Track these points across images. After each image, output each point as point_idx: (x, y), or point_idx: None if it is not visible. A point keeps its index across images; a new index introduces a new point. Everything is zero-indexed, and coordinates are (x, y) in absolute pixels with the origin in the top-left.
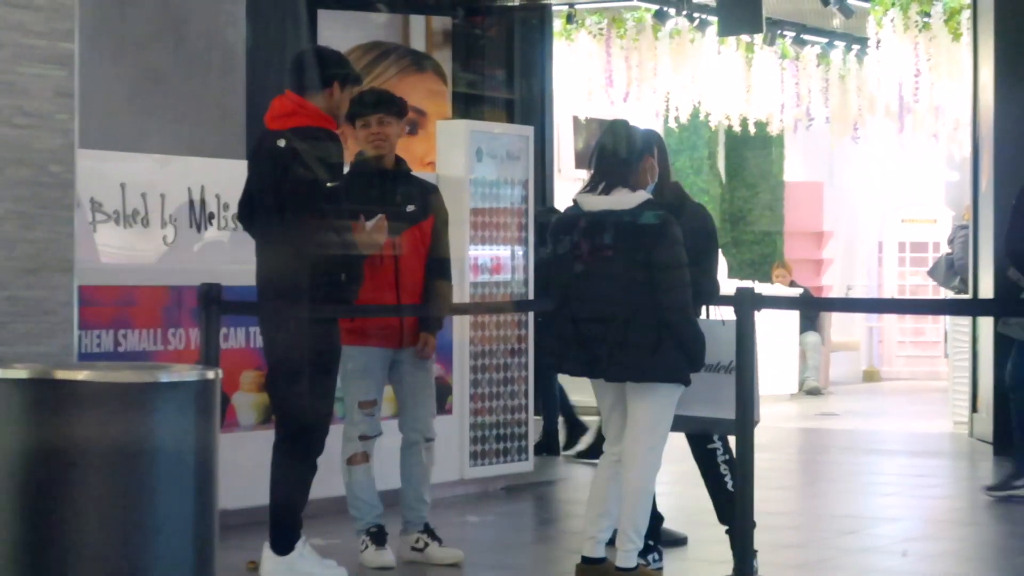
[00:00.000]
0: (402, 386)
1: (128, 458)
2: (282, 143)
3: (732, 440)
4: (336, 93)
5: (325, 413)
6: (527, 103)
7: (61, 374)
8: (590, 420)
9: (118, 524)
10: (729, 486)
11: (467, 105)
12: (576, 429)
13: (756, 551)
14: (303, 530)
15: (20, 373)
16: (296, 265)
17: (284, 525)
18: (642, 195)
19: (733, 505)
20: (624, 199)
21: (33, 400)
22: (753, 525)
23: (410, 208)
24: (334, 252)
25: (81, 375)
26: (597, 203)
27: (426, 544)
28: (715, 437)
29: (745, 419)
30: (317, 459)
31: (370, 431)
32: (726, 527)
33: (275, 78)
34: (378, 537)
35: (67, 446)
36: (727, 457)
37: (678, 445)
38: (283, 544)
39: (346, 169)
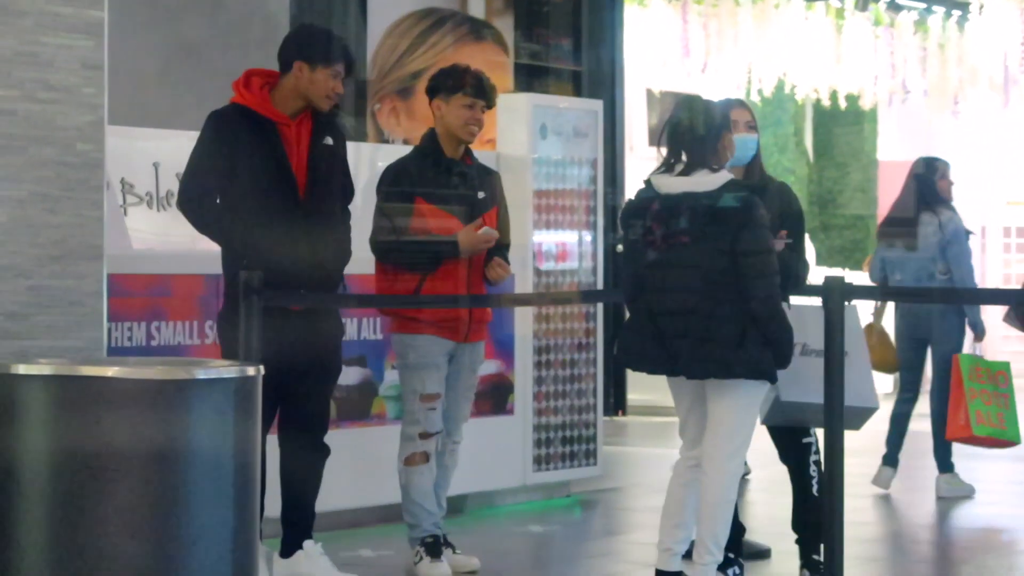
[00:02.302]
0: (448, 383)
1: (162, 462)
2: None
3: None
4: (304, 73)
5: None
6: (596, 75)
7: (89, 370)
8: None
9: (151, 533)
10: (814, 489)
11: (530, 77)
12: None
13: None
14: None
15: (44, 369)
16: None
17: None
18: (724, 175)
19: (811, 513)
20: (705, 180)
21: (59, 398)
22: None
23: (481, 195)
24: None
25: (111, 371)
26: (675, 184)
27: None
28: (811, 431)
29: (834, 418)
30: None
31: (432, 427)
32: (796, 536)
33: None
34: (433, 548)
35: (96, 449)
36: (818, 457)
37: (763, 450)
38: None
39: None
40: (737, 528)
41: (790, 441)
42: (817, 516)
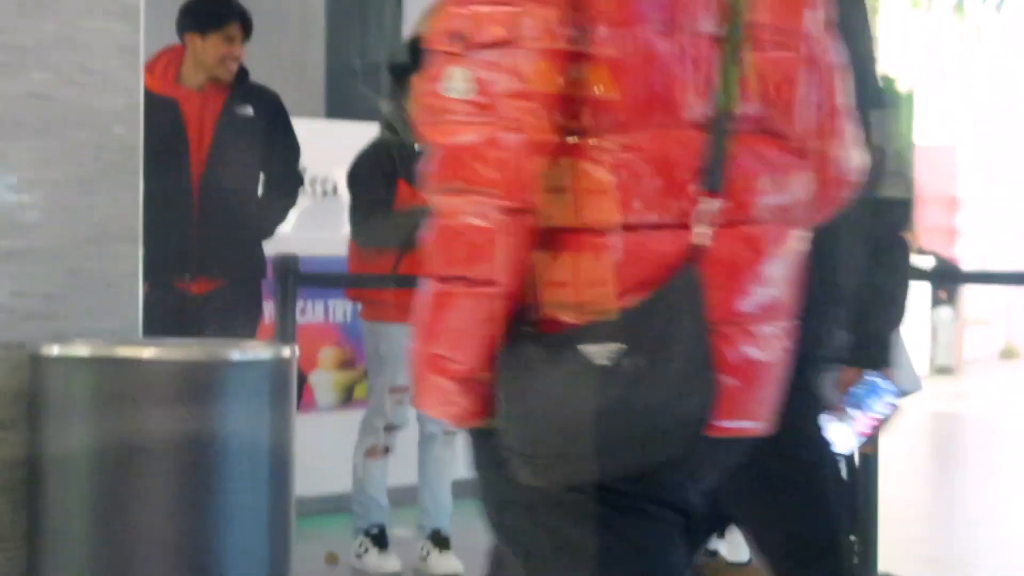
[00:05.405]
0: None
1: (197, 443)
2: None
3: None
4: (196, 43)
5: None
6: None
7: (124, 351)
8: None
9: (187, 515)
10: None
11: None
12: None
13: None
14: None
15: (81, 351)
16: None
17: None
18: None
19: None
20: None
21: (95, 380)
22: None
23: None
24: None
25: (146, 353)
26: None
27: (428, 552)
28: None
29: None
30: None
31: (399, 421)
32: None
33: (357, 33)
34: (380, 539)
35: (132, 430)
36: None
37: None
38: None
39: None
40: None
41: None
42: None
